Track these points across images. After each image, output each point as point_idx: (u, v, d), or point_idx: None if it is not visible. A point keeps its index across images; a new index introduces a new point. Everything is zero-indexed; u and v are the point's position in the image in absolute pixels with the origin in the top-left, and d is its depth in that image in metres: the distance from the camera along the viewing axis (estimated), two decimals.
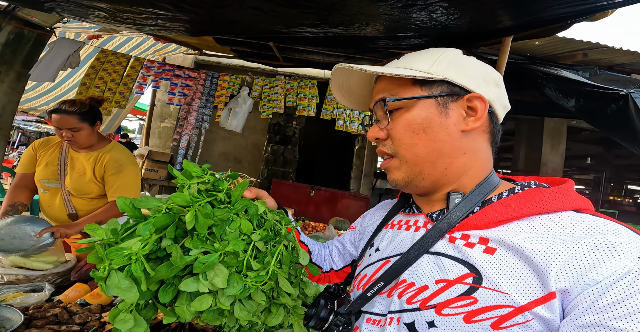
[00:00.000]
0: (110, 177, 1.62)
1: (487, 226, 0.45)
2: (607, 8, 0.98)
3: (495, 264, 0.41)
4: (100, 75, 2.71)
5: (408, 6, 1.19)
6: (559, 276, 0.37)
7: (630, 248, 0.35)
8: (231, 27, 1.69)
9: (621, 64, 2.77)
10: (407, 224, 0.56)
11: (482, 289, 0.41)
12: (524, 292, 0.38)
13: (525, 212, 0.44)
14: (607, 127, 2.97)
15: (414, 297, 0.46)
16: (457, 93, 0.50)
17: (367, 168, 5.29)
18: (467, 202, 0.48)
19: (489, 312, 0.39)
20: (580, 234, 0.39)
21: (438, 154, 0.50)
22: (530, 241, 0.40)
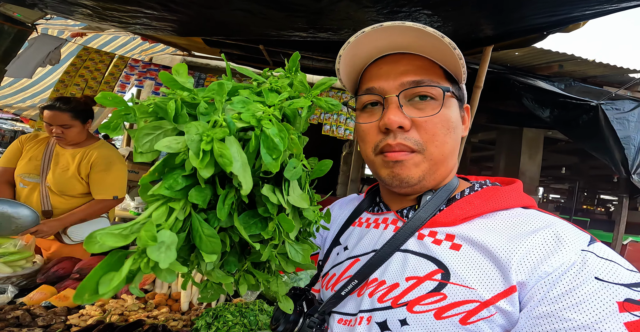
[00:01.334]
0: (98, 174, 1.61)
1: (453, 223, 0.47)
2: (580, 19, 1.04)
3: (461, 260, 0.43)
4: (80, 73, 2.64)
5: (393, 13, 1.23)
6: (518, 269, 0.38)
7: (574, 241, 0.39)
8: (220, 28, 1.69)
9: (594, 76, 2.92)
10: (376, 222, 0.56)
11: (450, 285, 0.41)
12: (488, 287, 0.39)
13: (486, 209, 0.46)
14: (579, 137, 3.12)
15: (385, 295, 0.46)
16: (462, 100, 0.52)
17: (354, 174, 5.32)
18: (436, 200, 0.49)
19: (458, 307, 0.40)
20: (532, 228, 0.41)
21: (452, 155, 0.50)
22: (492, 237, 0.42)
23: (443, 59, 0.47)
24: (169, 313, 1.32)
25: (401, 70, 0.48)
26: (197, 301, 1.52)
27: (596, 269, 0.36)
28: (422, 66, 0.48)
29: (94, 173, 1.61)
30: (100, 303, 1.30)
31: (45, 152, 1.60)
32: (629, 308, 0.33)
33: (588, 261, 0.36)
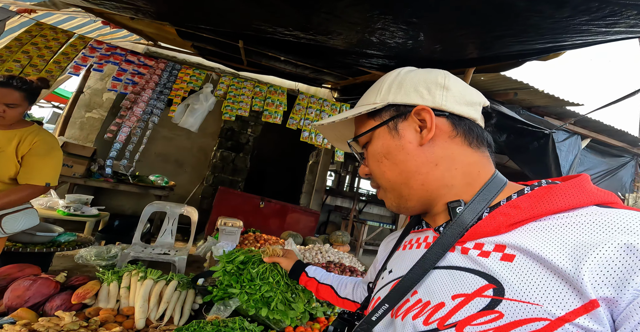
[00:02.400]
0: (35, 158, 1.53)
1: (499, 232, 0.42)
2: (566, 48, 1.16)
3: (517, 272, 0.37)
4: (25, 49, 2.24)
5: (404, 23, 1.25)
6: (596, 282, 0.33)
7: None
8: (212, 15, 1.56)
9: (538, 106, 3.31)
10: (418, 242, 0.55)
11: (506, 301, 0.36)
12: (558, 303, 0.34)
13: (538, 212, 0.40)
14: (525, 162, 3.49)
15: (430, 316, 0.42)
16: (403, 112, 0.51)
17: (319, 184, 5.30)
18: (472, 210, 0.46)
19: (520, 327, 0.34)
20: (607, 233, 0.35)
21: (406, 174, 0.50)
22: (550, 245, 0.37)
23: (355, 115, 0.56)
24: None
25: None
26: (156, 316, 1.32)
27: None
28: (355, 124, 0.60)
29: (31, 156, 1.52)
30: (25, 321, 1.05)
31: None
32: None
33: None
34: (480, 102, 0.53)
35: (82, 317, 1.20)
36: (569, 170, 3.44)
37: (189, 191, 4.96)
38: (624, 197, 4.00)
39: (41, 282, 1.27)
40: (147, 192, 3.86)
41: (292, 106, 2.99)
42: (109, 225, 3.34)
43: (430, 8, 1.03)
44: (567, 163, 3.43)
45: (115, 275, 1.47)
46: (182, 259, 2.34)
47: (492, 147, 0.54)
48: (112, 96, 4.45)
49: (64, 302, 1.24)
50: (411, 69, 0.55)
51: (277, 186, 6.42)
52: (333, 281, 0.90)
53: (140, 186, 3.87)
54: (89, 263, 2.26)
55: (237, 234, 2.51)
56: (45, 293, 1.25)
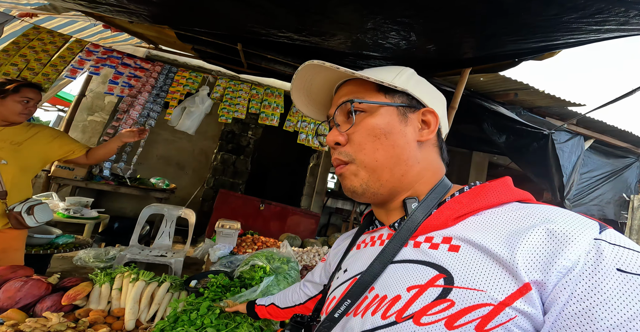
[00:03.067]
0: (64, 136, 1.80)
1: (446, 225, 0.46)
2: (560, 47, 1.15)
3: (463, 262, 0.40)
4: (22, 53, 2.27)
5: (396, 23, 1.24)
6: (528, 265, 0.36)
7: (585, 230, 0.36)
8: (206, 18, 1.57)
9: (539, 107, 3.28)
10: (372, 240, 0.56)
11: (456, 289, 0.39)
12: (499, 288, 0.36)
13: (477, 206, 0.45)
14: (527, 164, 3.45)
15: (388, 310, 0.43)
16: (414, 105, 0.54)
17: (320, 186, 5.29)
18: (424, 206, 0.49)
19: (470, 313, 0.37)
20: (532, 222, 0.39)
21: (397, 159, 0.51)
22: (487, 234, 0.41)
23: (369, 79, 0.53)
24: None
25: (340, 96, 0.56)
26: (146, 317, 1.32)
27: (615, 259, 0.34)
28: (353, 88, 0.55)
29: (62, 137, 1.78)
30: (13, 322, 1.05)
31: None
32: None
33: (604, 250, 0.34)
34: (447, 130, 0.61)
35: (72, 318, 1.20)
36: (572, 171, 3.39)
37: (190, 194, 4.98)
38: (629, 199, 3.92)
39: (32, 283, 1.28)
40: (147, 195, 3.89)
41: (290, 108, 2.99)
42: (108, 227, 3.35)
43: (418, 7, 1.02)
44: (570, 164, 3.39)
45: (107, 277, 1.46)
46: (179, 261, 2.33)
47: (447, 164, 0.60)
48: (114, 99, 4.50)
49: (54, 304, 1.23)
50: (414, 71, 0.59)
51: (278, 188, 6.42)
52: (275, 299, 0.94)
53: (141, 188, 3.90)
54: (87, 265, 2.27)
55: (234, 237, 2.50)
56: (36, 294, 1.25)
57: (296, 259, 2.30)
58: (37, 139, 1.68)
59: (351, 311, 0.48)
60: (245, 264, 1.63)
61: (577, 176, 3.50)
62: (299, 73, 0.55)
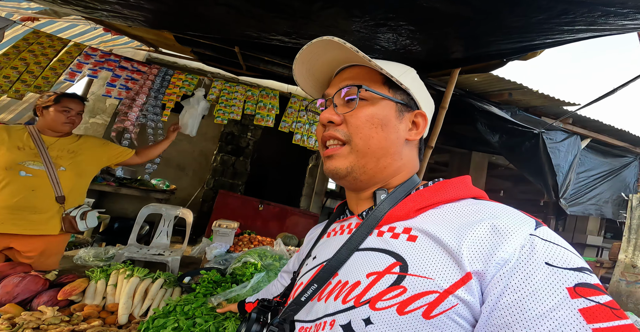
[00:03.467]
0: (109, 143, 1.96)
1: (408, 216, 0.48)
2: (539, 47, 1.17)
3: (418, 251, 0.43)
4: (22, 56, 2.34)
5: (379, 25, 1.28)
6: (471, 256, 0.38)
7: (522, 225, 0.39)
8: (199, 24, 1.62)
9: (535, 107, 3.29)
10: (342, 229, 0.59)
11: (409, 276, 0.41)
12: (445, 276, 0.39)
13: (436, 200, 0.48)
14: (520, 162, 3.46)
15: (348, 295, 0.45)
16: (411, 106, 0.57)
17: (319, 187, 5.32)
18: (392, 198, 0.52)
19: (418, 300, 0.39)
20: (480, 217, 0.42)
21: (385, 152, 0.54)
22: (442, 227, 0.43)
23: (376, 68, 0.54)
24: (102, 327, 1.15)
25: (343, 78, 0.57)
26: (139, 312, 1.35)
27: (545, 254, 0.36)
28: (359, 74, 0.56)
29: (107, 144, 1.95)
30: (9, 315, 1.09)
31: (35, 142, 1.67)
32: (583, 293, 0.33)
33: (536, 245, 0.37)
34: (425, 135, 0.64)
35: (67, 313, 1.24)
36: (568, 170, 3.39)
37: (190, 195, 5.04)
38: (628, 198, 3.92)
39: (30, 279, 1.32)
40: (148, 196, 3.94)
41: (285, 109, 3.04)
42: (109, 227, 3.41)
43: (397, 10, 1.06)
44: (566, 164, 3.39)
45: (103, 273, 1.51)
46: (176, 260, 2.37)
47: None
48: (115, 102, 4.57)
49: (50, 299, 1.28)
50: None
51: (277, 189, 6.46)
52: (260, 294, 0.95)
53: (142, 189, 3.95)
54: (87, 264, 2.32)
55: (230, 235, 2.54)
56: (33, 290, 1.30)
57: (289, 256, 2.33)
58: (89, 146, 1.85)
59: (316, 295, 0.50)
60: (237, 261, 1.66)
61: (574, 175, 3.50)
62: (311, 45, 0.54)
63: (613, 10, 0.74)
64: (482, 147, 4.35)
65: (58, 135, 1.78)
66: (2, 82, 2.24)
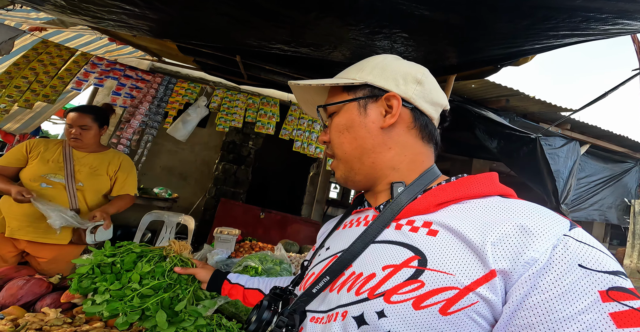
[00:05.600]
0: (127, 174, 1.91)
1: (428, 210, 0.47)
2: (529, 53, 1.22)
3: (438, 246, 0.42)
4: (32, 66, 2.43)
5: (374, 33, 1.33)
6: (496, 253, 0.37)
7: (556, 226, 0.38)
8: (200, 33, 1.68)
9: (532, 113, 3.32)
10: (358, 221, 0.58)
11: (428, 271, 0.40)
12: (466, 273, 0.38)
13: (459, 195, 0.47)
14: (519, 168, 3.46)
15: (362, 287, 0.44)
16: (376, 94, 0.55)
17: (320, 195, 5.33)
18: (410, 191, 0.51)
19: (436, 295, 0.38)
20: (507, 215, 0.41)
21: (362, 150, 0.55)
22: (465, 222, 0.42)
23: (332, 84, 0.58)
24: (104, 329, 1.17)
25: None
26: None
27: (579, 256, 0.35)
28: (330, 93, 0.62)
29: (122, 172, 1.89)
30: (12, 317, 1.11)
31: (64, 156, 1.73)
32: (616, 297, 0.32)
33: (570, 246, 0.36)
34: (442, 105, 0.58)
35: (69, 315, 1.25)
36: (568, 176, 3.40)
37: (192, 203, 5.06)
38: (630, 203, 3.90)
39: (34, 282, 1.34)
40: (150, 204, 3.97)
41: (285, 117, 3.09)
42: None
43: (390, 18, 1.11)
44: (566, 169, 3.40)
45: None
46: None
47: (439, 146, 0.61)
48: (118, 111, 4.66)
49: (53, 301, 1.29)
50: (397, 57, 0.60)
51: (279, 197, 6.48)
52: (260, 284, 0.87)
53: (144, 197, 3.99)
54: None
55: (232, 242, 2.55)
56: (37, 292, 1.31)
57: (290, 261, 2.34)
58: (113, 168, 1.85)
59: (328, 286, 0.49)
60: (238, 265, 1.67)
61: (575, 181, 3.50)
62: (294, 92, 0.66)
63: (592, 16, 0.77)
64: (483, 154, 4.37)
65: (87, 151, 1.81)
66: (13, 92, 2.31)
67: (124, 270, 0.88)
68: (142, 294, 0.81)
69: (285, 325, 0.49)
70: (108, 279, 0.84)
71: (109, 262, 0.88)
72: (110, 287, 0.82)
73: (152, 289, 0.83)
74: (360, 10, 1.06)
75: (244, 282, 0.89)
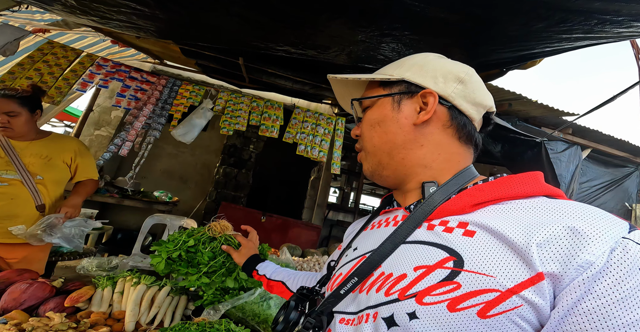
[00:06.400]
0: (86, 159, 1.81)
1: (464, 211, 0.45)
2: (538, 56, 1.22)
3: (476, 247, 0.40)
4: (37, 67, 2.41)
5: (383, 35, 1.33)
6: (544, 256, 0.35)
7: (614, 228, 0.35)
8: (207, 34, 1.68)
9: (534, 117, 3.34)
10: (387, 221, 0.57)
11: (465, 272, 0.38)
12: (509, 275, 0.36)
13: (499, 195, 0.44)
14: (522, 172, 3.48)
15: (392, 287, 0.43)
16: (412, 91, 0.55)
17: (321, 199, 5.32)
18: (443, 191, 0.49)
19: (474, 298, 0.36)
20: (556, 217, 0.38)
21: (392, 144, 0.54)
22: (506, 222, 0.40)
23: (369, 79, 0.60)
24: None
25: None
26: (146, 320, 1.34)
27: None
28: (366, 88, 0.63)
29: (82, 158, 1.78)
30: (16, 321, 1.08)
31: (3, 148, 1.56)
32: None
33: (630, 250, 0.33)
34: (485, 106, 0.56)
35: (73, 319, 1.22)
36: (570, 180, 3.41)
37: (192, 207, 5.02)
38: (631, 208, 3.91)
39: (37, 286, 1.31)
40: (151, 208, 3.93)
41: (289, 120, 3.09)
42: (112, 238, 3.39)
43: (403, 20, 1.11)
44: (568, 174, 3.41)
45: (110, 281, 1.50)
46: None
47: (479, 148, 0.58)
48: (120, 114, 4.64)
49: (57, 306, 1.26)
50: (440, 56, 0.59)
51: (280, 201, 6.45)
52: (284, 277, 0.89)
53: (145, 201, 3.95)
54: (90, 274, 2.29)
55: None
56: (40, 296, 1.29)
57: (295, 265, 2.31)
58: (60, 149, 1.70)
59: (357, 288, 0.48)
60: None
61: (577, 185, 3.51)
62: (332, 86, 0.68)
63: (609, 18, 0.78)
64: (484, 157, 4.37)
65: (27, 140, 1.63)
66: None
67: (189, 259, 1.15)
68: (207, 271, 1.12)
69: (312, 326, 0.48)
70: (182, 265, 1.15)
71: (176, 256, 1.14)
72: (188, 270, 1.14)
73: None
74: (374, 12, 1.06)
75: (269, 274, 0.93)
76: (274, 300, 1.46)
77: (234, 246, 1.14)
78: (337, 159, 3.11)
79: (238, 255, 1.05)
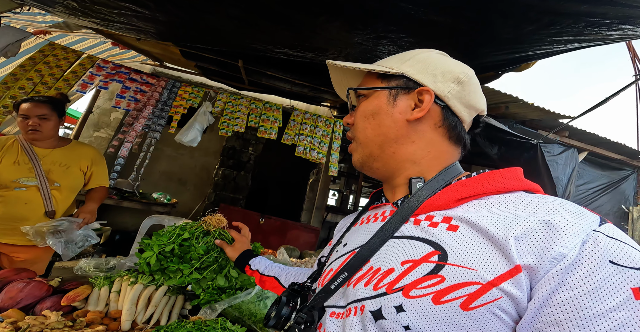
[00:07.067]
0: (100, 167, 1.88)
1: (448, 206, 0.46)
2: (531, 58, 1.24)
3: (459, 241, 0.41)
4: (37, 68, 2.43)
5: (379, 38, 1.35)
6: (520, 249, 0.37)
7: (585, 221, 0.37)
8: (207, 36, 1.71)
9: (531, 120, 3.37)
10: (375, 216, 0.58)
11: (449, 266, 0.39)
12: (490, 268, 0.37)
13: (481, 190, 0.46)
14: None
15: (380, 281, 0.44)
16: (410, 87, 0.55)
17: (320, 201, 5.32)
18: (429, 187, 0.50)
19: (457, 290, 0.38)
20: (532, 210, 0.40)
21: (384, 138, 0.55)
22: (486, 216, 0.41)
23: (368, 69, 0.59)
24: (106, 331, 1.15)
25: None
26: (142, 319, 1.34)
27: (610, 252, 0.34)
28: (363, 78, 0.62)
29: (97, 166, 1.86)
30: (12, 320, 1.09)
31: (28, 155, 1.64)
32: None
33: (600, 242, 0.34)
34: (478, 109, 0.57)
35: (70, 318, 1.23)
36: (567, 183, 3.43)
37: (191, 209, 5.02)
38: (628, 210, 3.92)
39: (34, 284, 1.32)
40: (149, 209, 3.93)
41: (287, 122, 3.11)
42: (110, 239, 3.39)
43: (398, 23, 1.13)
44: (565, 176, 3.43)
45: (107, 280, 1.50)
46: None
47: (467, 149, 0.59)
48: (119, 115, 4.66)
49: (53, 304, 1.27)
50: (443, 54, 0.60)
51: (278, 203, 6.45)
52: (277, 272, 0.90)
53: (143, 202, 3.95)
54: (87, 274, 2.29)
55: None
56: (37, 295, 1.29)
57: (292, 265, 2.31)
58: (78, 157, 1.78)
59: (346, 282, 0.49)
60: None
61: (573, 187, 3.53)
62: (330, 74, 0.66)
63: (596, 21, 0.80)
64: (481, 160, 4.40)
65: (50, 147, 1.72)
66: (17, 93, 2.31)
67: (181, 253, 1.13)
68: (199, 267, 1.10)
69: (304, 321, 0.49)
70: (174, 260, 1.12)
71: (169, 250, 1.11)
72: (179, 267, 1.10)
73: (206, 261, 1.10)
74: (369, 14, 1.08)
75: (262, 269, 0.94)
76: (271, 300, 1.47)
77: (228, 240, 1.13)
78: (334, 161, 3.13)
79: (231, 249, 1.06)
